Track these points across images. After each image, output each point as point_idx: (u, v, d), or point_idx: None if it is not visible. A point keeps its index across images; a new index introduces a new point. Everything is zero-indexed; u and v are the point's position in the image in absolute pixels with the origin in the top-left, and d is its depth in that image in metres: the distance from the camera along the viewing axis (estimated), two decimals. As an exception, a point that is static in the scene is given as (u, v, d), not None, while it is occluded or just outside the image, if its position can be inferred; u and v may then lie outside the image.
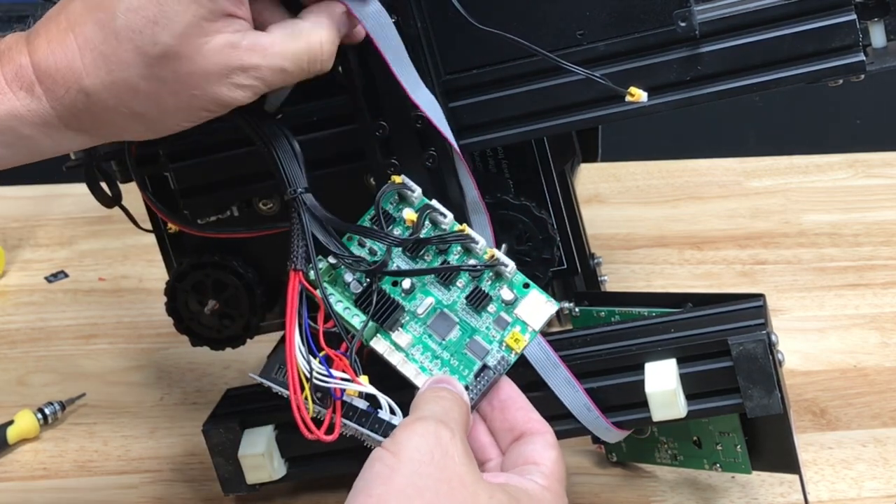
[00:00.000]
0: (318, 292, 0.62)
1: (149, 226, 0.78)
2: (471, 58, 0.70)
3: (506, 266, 0.65)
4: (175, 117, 0.60)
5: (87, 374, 0.93)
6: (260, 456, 0.73)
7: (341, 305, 0.64)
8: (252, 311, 0.77)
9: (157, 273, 1.01)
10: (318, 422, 0.61)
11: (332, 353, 0.62)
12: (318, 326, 0.62)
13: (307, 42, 0.61)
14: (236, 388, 0.79)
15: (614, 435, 0.70)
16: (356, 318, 0.64)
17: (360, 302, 0.64)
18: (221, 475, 0.75)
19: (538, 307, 0.65)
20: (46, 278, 1.04)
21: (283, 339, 0.66)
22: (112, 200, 0.77)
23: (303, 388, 0.61)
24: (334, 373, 0.61)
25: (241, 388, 0.78)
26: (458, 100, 0.71)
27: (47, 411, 0.87)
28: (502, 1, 0.69)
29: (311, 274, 0.62)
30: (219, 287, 0.77)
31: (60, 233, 1.10)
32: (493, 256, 0.66)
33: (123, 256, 1.06)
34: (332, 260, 0.64)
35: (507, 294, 0.65)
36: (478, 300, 0.65)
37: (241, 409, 0.75)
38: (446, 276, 0.66)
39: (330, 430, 0.61)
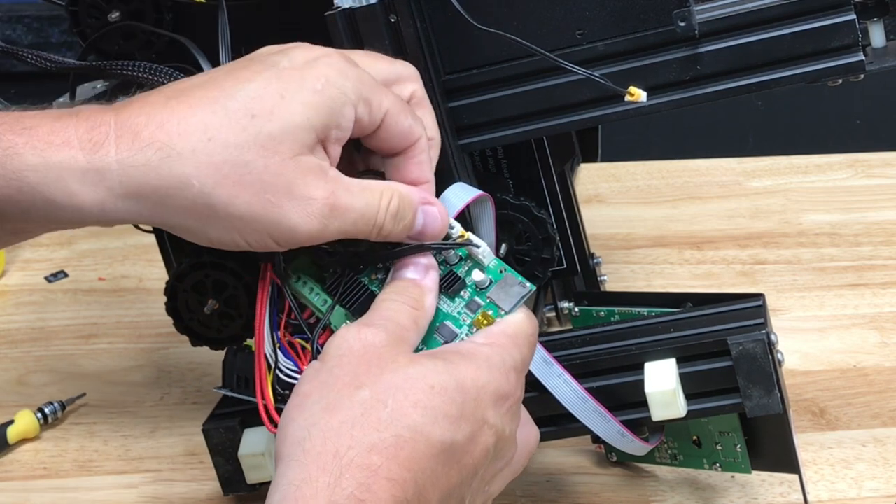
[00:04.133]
0: (281, 281, 0.62)
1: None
2: (470, 58, 0.70)
3: (478, 247, 0.63)
4: (227, 221, 0.58)
5: (87, 373, 0.93)
6: (260, 456, 0.73)
7: (313, 292, 0.64)
8: (252, 311, 0.76)
9: (157, 273, 1.01)
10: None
11: (291, 342, 0.62)
12: (284, 318, 0.63)
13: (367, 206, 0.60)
14: (236, 388, 0.79)
15: (645, 450, 0.72)
16: (324, 303, 0.63)
17: (331, 287, 0.64)
18: (221, 475, 0.75)
19: (511, 290, 0.63)
20: (46, 278, 1.04)
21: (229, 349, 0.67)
22: None
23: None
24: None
25: (240, 388, 0.78)
26: (458, 100, 0.71)
27: (47, 411, 0.87)
28: (502, 1, 0.69)
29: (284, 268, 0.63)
30: (218, 287, 0.76)
31: (60, 233, 1.10)
32: (463, 236, 0.64)
33: (123, 256, 1.07)
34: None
35: (478, 276, 0.63)
36: (450, 284, 0.64)
37: (241, 408, 0.75)
38: None
39: None
